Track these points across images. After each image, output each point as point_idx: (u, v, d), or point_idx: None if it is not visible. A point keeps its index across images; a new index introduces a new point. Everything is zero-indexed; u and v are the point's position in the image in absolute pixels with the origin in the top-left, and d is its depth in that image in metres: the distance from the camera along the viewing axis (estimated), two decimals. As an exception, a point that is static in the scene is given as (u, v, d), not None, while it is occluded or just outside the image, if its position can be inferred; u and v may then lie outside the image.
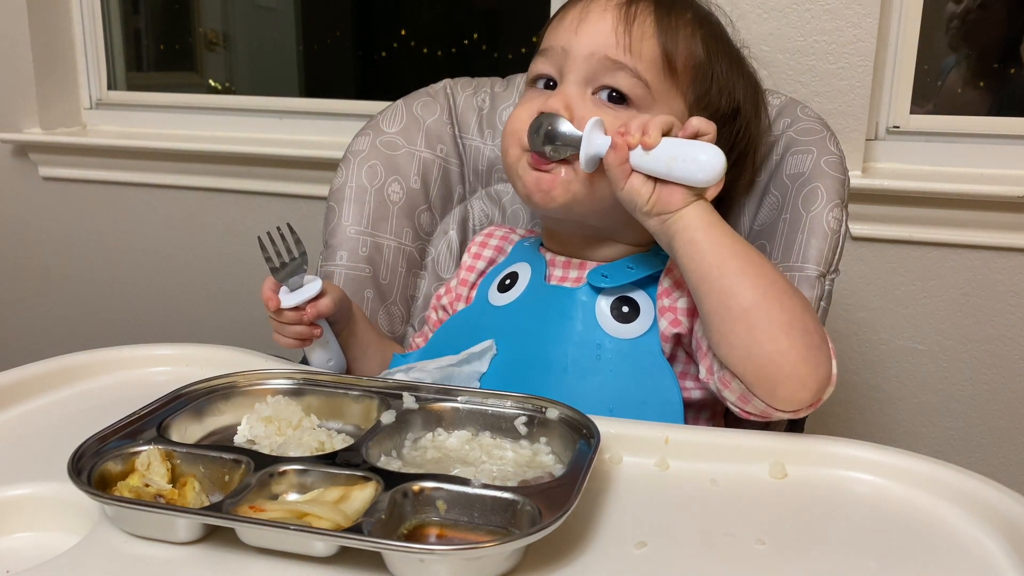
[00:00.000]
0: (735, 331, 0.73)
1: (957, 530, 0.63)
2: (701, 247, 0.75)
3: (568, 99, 0.84)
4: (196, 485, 0.65)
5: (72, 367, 0.87)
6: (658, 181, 0.75)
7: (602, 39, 0.84)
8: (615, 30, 0.84)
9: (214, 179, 1.76)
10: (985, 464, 1.42)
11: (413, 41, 1.89)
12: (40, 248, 1.94)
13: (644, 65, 0.84)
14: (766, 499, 0.67)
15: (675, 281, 0.86)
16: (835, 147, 0.95)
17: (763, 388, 0.73)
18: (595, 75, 0.85)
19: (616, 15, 0.85)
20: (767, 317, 0.72)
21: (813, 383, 0.72)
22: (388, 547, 0.55)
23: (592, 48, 0.84)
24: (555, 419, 0.70)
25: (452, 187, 1.14)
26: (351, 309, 0.94)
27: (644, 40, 0.84)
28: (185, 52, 2.05)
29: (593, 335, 0.84)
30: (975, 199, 1.32)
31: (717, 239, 0.75)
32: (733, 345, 0.73)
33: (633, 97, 0.84)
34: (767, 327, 0.72)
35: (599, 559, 0.59)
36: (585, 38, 0.85)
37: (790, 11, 1.33)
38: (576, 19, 0.86)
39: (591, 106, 0.84)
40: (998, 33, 1.47)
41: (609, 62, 0.84)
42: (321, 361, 0.91)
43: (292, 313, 0.85)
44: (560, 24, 0.88)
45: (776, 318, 0.72)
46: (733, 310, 0.73)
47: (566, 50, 0.86)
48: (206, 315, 1.85)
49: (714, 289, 0.74)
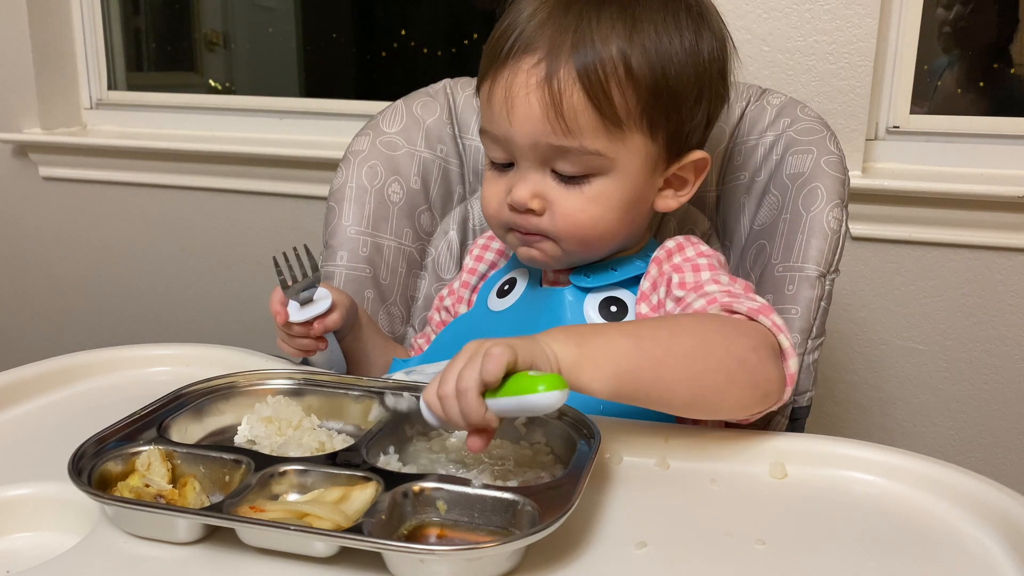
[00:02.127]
0: (693, 413, 0.74)
1: (957, 530, 0.63)
2: (605, 392, 0.66)
3: (534, 189, 0.83)
4: (196, 485, 0.65)
5: (72, 367, 0.87)
6: None
7: (538, 127, 0.80)
8: (547, 116, 0.79)
9: (214, 179, 1.76)
10: (985, 464, 1.42)
11: (413, 41, 1.88)
12: (40, 248, 1.93)
13: (589, 138, 0.80)
14: (766, 499, 0.67)
15: (652, 284, 0.87)
16: (835, 147, 0.95)
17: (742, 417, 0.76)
18: (546, 159, 0.82)
19: (541, 97, 0.79)
20: (708, 390, 0.72)
21: (775, 402, 0.75)
22: (388, 547, 0.55)
23: (532, 139, 0.81)
24: (555, 419, 0.70)
25: (452, 187, 1.14)
26: (358, 316, 0.95)
27: (579, 114, 0.79)
28: (185, 52, 2.05)
29: None
30: (975, 199, 1.32)
31: (610, 374, 0.66)
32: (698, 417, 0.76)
33: (590, 171, 0.82)
34: (714, 396, 0.72)
35: (599, 559, 0.59)
36: (522, 131, 0.81)
37: (790, 11, 1.33)
38: (504, 106, 0.81)
39: (556, 188, 0.82)
40: (988, 37, 1.47)
41: (553, 148, 0.81)
42: (322, 369, 0.92)
43: (299, 327, 0.86)
44: (491, 108, 0.84)
45: (715, 384, 0.71)
46: (679, 407, 0.73)
47: (509, 140, 0.83)
48: (206, 315, 1.85)
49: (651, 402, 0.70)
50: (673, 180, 0.88)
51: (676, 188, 0.89)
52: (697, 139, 0.88)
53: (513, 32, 0.82)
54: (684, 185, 0.89)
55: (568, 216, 0.83)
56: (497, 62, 0.83)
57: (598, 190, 0.83)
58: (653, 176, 0.86)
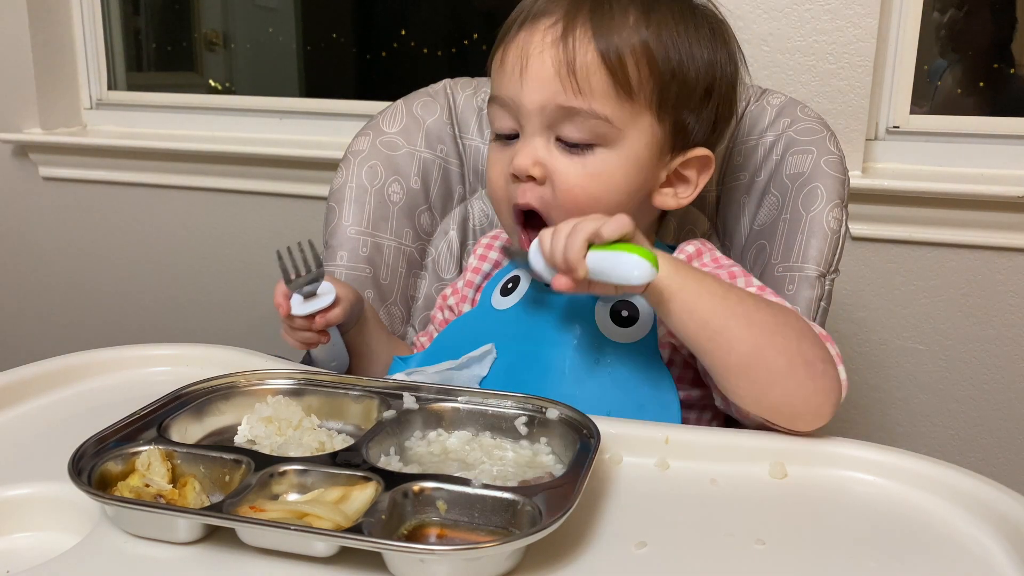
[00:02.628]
0: (739, 385, 0.74)
1: (957, 530, 0.63)
2: (680, 314, 0.73)
3: (536, 155, 0.83)
4: (196, 485, 0.65)
5: (72, 367, 0.87)
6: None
7: (549, 88, 0.81)
8: (559, 73, 0.80)
9: (214, 179, 1.76)
10: (985, 464, 1.42)
11: (413, 41, 1.88)
12: (40, 248, 1.93)
13: (599, 102, 0.81)
14: (766, 499, 0.67)
15: None
16: (835, 147, 0.96)
17: (781, 422, 0.74)
18: (553, 123, 0.82)
19: (555, 55, 0.81)
20: (765, 366, 0.72)
21: (827, 408, 0.73)
22: (388, 547, 0.55)
23: (542, 100, 0.81)
24: (555, 419, 0.70)
25: (452, 187, 1.14)
26: (363, 311, 0.95)
27: (592, 74, 0.80)
28: (185, 52, 2.05)
29: (592, 339, 0.84)
30: (975, 199, 1.32)
31: (694, 300, 0.73)
32: (741, 396, 0.74)
33: (596, 138, 0.82)
34: (768, 376, 0.72)
35: (599, 559, 0.59)
36: (532, 89, 0.82)
37: (790, 11, 1.33)
38: (517, 67, 0.83)
39: (559, 156, 0.83)
40: (985, 39, 1.47)
41: (563, 110, 0.81)
42: (324, 361, 0.92)
43: (302, 320, 0.86)
44: (503, 71, 0.85)
45: (774, 364, 0.72)
46: (731, 367, 0.73)
47: (516, 103, 0.83)
48: (206, 315, 1.85)
49: (706, 350, 0.74)
50: (675, 178, 0.88)
51: (677, 187, 0.89)
52: (702, 138, 0.88)
53: (530, 4, 0.85)
54: (685, 185, 0.89)
55: (567, 191, 0.83)
56: (513, 28, 0.85)
57: (600, 163, 0.82)
58: (657, 165, 0.86)
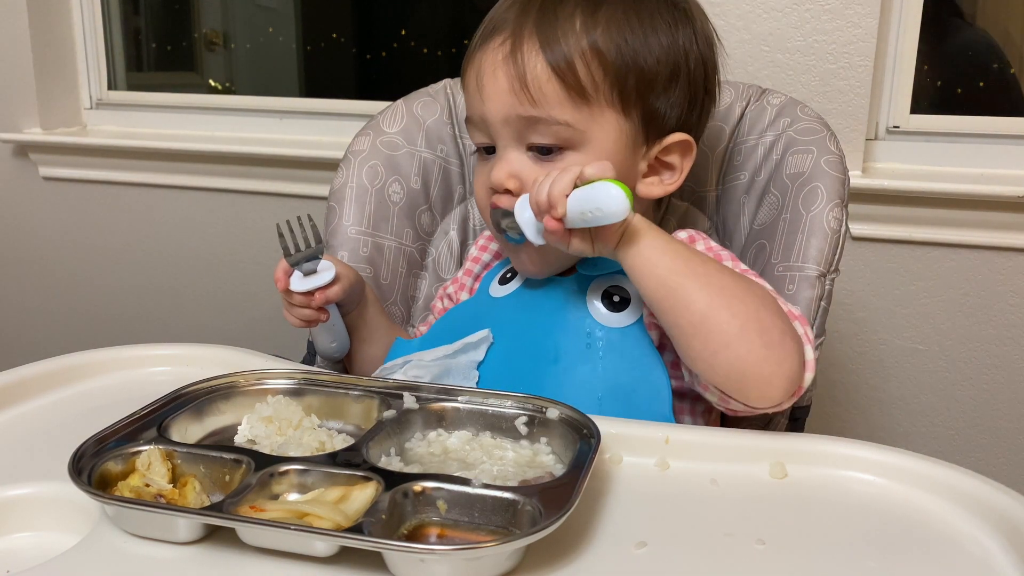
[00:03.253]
0: (692, 345, 0.75)
1: (957, 530, 0.63)
2: (643, 270, 0.76)
3: (510, 168, 0.84)
4: (196, 485, 0.65)
5: (72, 367, 0.87)
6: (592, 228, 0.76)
7: (506, 101, 0.83)
8: (512, 88, 0.82)
9: (214, 179, 1.76)
10: (985, 464, 1.42)
11: (413, 41, 1.88)
12: (40, 248, 1.93)
13: (556, 109, 0.82)
14: (766, 499, 0.67)
15: None
16: (835, 147, 0.96)
17: (733, 391, 0.75)
18: (520, 134, 0.84)
19: (507, 71, 0.83)
20: (717, 327, 0.73)
21: (780, 380, 0.74)
22: (388, 547, 0.55)
23: (503, 113, 0.84)
24: (555, 419, 0.70)
25: (452, 187, 1.14)
26: (364, 292, 0.96)
27: (543, 84, 0.82)
28: (185, 52, 2.05)
29: (583, 324, 0.85)
30: (975, 199, 1.32)
31: (658, 255, 0.75)
32: (695, 359, 0.76)
33: (561, 142, 0.83)
34: (720, 336, 0.73)
35: (599, 559, 0.59)
36: (492, 105, 0.84)
37: (790, 11, 1.33)
38: (475, 85, 0.86)
39: (530, 164, 0.84)
40: (986, 38, 1.47)
41: (523, 120, 0.83)
42: (325, 342, 0.93)
43: (301, 297, 0.88)
44: (468, 91, 0.88)
45: (727, 326, 0.73)
46: (684, 326, 0.75)
47: (483, 119, 0.86)
48: (206, 315, 1.85)
49: (665, 308, 0.76)
50: (657, 166, 0.89)
51: (662, 175, 0.89)
52: (677, 122, 0.87)
53: (487, 22, 0.88)
54: (670, 172, 0.89)
55: None
56: (472, 49, 0.88)
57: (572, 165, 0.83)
58: (633, 158, 0.86)
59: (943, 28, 1.43)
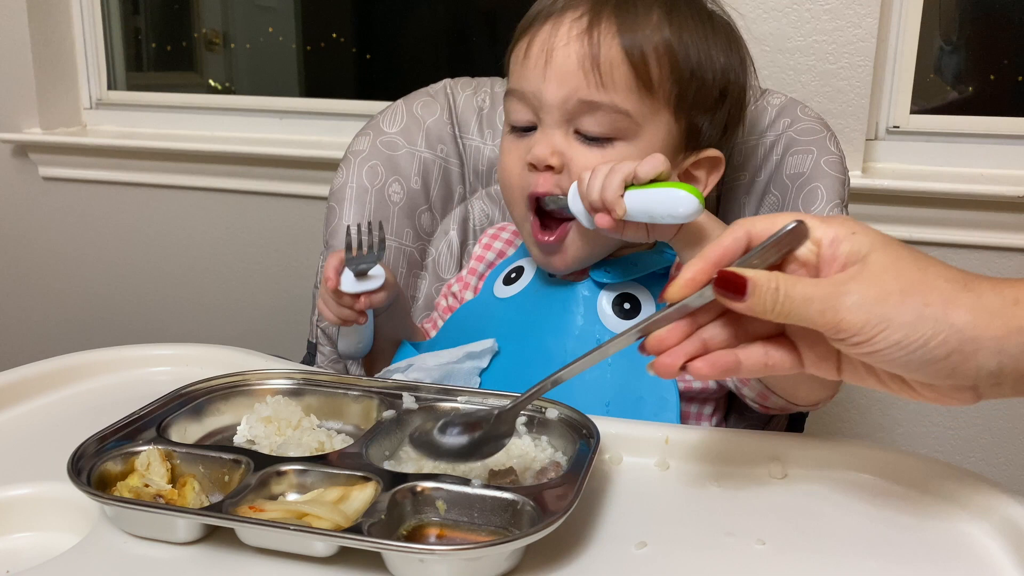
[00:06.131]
0: None
1: (957, 530, 0.63)
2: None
3: (554, 145, 0.83)
4: (196, 485, 0.65)
5: (72, 367, 0.87)
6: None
7: (572, 82, 0.81)
8: (582, 67, 0.81)
9: (214, 179, 1.76)
10: (985, 464, 1.42)
11: (413, 41, 1.88)
12: (40, 248, 1.93)
13: (621, 96, 0.81)
14: (766, 499, 0.67)
15: None
16: (835, 147, 0.95)
17: (783, 390, 0.74)
18: (572, 117, 0.83)
19: (580, 48, 0.81)
20: None
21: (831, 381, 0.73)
22: (388, 547, 0.55)
23: (564, 93, 0.82)
24: (555, 419, 0.70)
25: (452, 187, 1.14)
26: (398, 298, 0.96)
27: (615, 68, 0.81)
28: (185, 52, 2.05)
29: (593, 330, 0.84)
30: (975, 199, 1.32)
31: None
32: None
33: (615, 132, 0.82)
34: None
35: (599, 559, 0.59)
36: (555, 83, 0.82)
37: (790, 11, 1.33)
38: (541, 59, 0.83)
39: (577, 147, 0.83)
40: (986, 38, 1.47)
41: (584, 104, 0.81)
42: (351, 343, 0.94)
43: (348, 297, 0.87)
44: (526, 64, 0.85)
45: None
46: None
47: (538, 97, 0.83)
48: (206, 315, 1.85)
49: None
50: (684, 177, 0.89)
51: None
52: (714, 140, 0.88)
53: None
54: (695, 184, 0.89)
55: None
56: (537, 21, 0.85)
57: (619, 155, 0.82)
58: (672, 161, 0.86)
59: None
